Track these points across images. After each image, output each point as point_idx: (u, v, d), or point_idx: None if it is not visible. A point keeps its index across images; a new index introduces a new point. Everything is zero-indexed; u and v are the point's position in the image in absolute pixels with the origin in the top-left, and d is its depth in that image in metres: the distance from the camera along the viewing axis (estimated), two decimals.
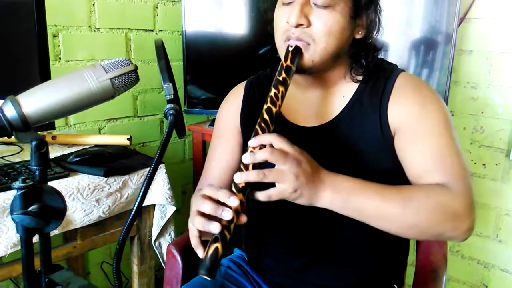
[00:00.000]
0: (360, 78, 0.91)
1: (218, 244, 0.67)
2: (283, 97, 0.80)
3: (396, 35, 1.59)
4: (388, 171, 0.88)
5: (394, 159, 0.88)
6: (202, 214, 0.72)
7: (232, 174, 1.04)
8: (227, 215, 0.69)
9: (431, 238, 1.05)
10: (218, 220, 0.70)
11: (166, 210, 1.33)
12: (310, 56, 0.84)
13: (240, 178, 0.71)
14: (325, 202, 0.75)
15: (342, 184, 0.77)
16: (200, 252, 0.72)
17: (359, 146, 0.89)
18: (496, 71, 1.64)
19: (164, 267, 1.15)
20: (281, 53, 0.88)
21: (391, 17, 1.57)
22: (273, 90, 0.79)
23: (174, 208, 1.31)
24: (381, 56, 1.08)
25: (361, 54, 0.90)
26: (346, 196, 0.76)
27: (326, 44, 0.83)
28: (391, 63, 0.95)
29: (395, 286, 1.02)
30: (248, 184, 0.72)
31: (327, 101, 0.94)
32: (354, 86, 0.92)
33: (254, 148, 0.73)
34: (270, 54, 1.66)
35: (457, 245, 1.85)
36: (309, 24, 0.83)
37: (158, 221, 1.33)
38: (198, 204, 0.74)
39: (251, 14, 1.70)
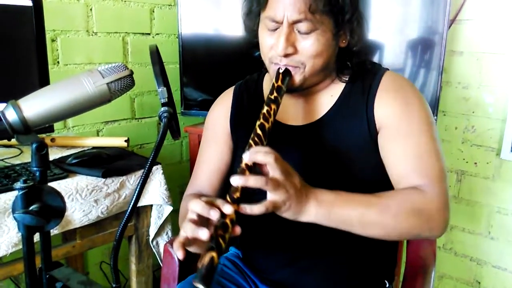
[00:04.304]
0: (346, 78, 0.95)
1: (213, 253, 0.66)
2: (275, 114, 0.84)
3: (390, 36, 1.62)
4: (373, 169, 0.91)
5: (379, 157, 0.91)
6: (194, 222, 0.72)
7: (221, 177, 1.07)
8: (214, 215, 0.70)
9: (411, 239, 1.12)
10: (213, 227, 0.70)
11: (163, 210, 1.36)
12: (299, 77, 0.89)
13: (238, 182, 0.71)
14: (310, 216, 0.77)
15: (323, 197, 0.78)
16: (179, 254, 0.71)
17: (346, 144, 0.92)
18: (486, 71, 1.67)
19: (162, 266, 1.18)
20: (270, 70, 0.93)
21: (384, 18, 1.60)
22: (266, 108, 0.83)
23: (171, 208, 1.34)
24: (375, 57, 1.11)
25: (346, 58, 0.94)
26: (329, 208, 0.78)
27: (314, 65, 0.88)
28: (376, 63, 0.99)
29: (386, 282, 1.05)
30: (243, 195, 0.72)
31: (315, 100, 0.97)
32: (342, 86, 0.96)
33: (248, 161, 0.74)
34: None
35: (450, 243, 1.88)
36: (295, 51, 0.86)
37: (155, 220, 1.36)
38: (190, 205, 0.74)
39: None
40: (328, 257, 0.98)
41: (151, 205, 1.35)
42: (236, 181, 0.71)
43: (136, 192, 0.61)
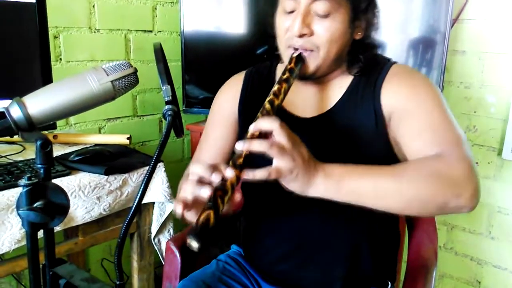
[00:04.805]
0: (356, 71, 0.95)
1: (210, 212, 0.64)
2: (285, 93, 0.83)
3: (392, 35, 1.62)
4: (382, 160, 0.91)
5: (388, 148, 0.91)
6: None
7: (225, 159, 1.06)
8: (216, 177, 0.68)
9: (437, 211, 0.88)
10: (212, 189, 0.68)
11: (165, 207, 1.36)
12: (314, 63, 0.89)
13: (242, 146, 0.69)
14: (319, 189, 0.73)
15: (333, 169, 0.75)
16: (178, 208, 0.69)
17: (355, 135, 0.92)
18: (488, 71, 1.67)
19: (163, 263, 1.18)
20: (284, 57, 0.93)
21: (387, 17, 1.60)
22: (276, 86, 0.83)
23: (173, 206, 1.34)
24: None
25: (359, 51, 0.94)
26: (339, 179, 0.74)
27: (328, 50, 0.88)
28: (385, 57, 0.98)
29: (389, 282, 1.05)
30: (246, 162, 0.70)
31: (324, 92, 0.97)
32: (350, 78, 0.96)
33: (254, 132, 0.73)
34: (267, 54, 1.70)
35: (450, 242, 1.88)
36: (311, 33, 0.86)
37: (157, 218, 1.36)
38: (191, 167, 0.72)
39: (249, 15, 1.72)
40: (331, 258, 0.98)
41: (153, 203, 1.35)
42: (240, 145, 0.70)
43: (141, 189, 0.61)
